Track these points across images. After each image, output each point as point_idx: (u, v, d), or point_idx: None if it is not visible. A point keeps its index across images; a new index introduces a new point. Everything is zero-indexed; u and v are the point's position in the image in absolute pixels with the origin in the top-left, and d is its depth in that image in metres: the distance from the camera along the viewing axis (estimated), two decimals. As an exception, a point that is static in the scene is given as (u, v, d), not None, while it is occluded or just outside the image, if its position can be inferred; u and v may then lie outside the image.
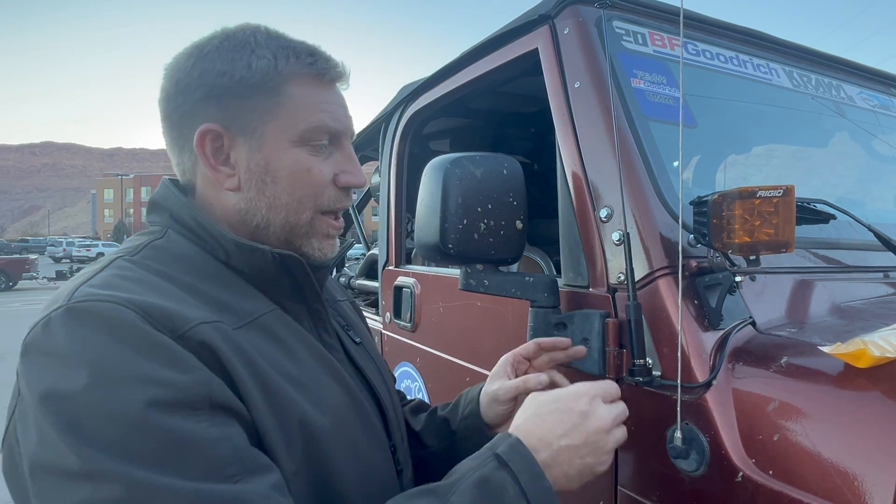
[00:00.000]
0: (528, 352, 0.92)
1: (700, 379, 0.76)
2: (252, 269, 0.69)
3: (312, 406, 0.64)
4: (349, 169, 0.75)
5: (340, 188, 0.75)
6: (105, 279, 0.59)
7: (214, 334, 0.58)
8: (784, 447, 0.66)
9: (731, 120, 1.28)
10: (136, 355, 0.52)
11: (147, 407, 0.50)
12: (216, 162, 0.71)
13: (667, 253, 0.85)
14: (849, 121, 1.44)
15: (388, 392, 0.83)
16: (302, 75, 0.71)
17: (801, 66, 1.38)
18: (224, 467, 0.52)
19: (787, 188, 0.75)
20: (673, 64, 1.08)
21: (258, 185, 0.71)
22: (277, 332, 0.67)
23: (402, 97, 1.80)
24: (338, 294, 0.95)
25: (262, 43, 0.70)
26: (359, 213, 2.91)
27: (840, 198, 1.31)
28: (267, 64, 0.69)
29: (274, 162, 0.70)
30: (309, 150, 0.72)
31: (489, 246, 0.90)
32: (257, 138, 0.70)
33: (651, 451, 0.80)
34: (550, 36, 1.09)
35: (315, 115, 0.71)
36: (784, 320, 0.87)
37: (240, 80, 0.68)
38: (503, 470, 0.60)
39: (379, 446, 0.74)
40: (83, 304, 0.54)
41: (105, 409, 0.49)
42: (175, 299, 0.59)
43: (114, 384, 0.50)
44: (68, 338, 0.53)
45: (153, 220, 0.73)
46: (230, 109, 0.69)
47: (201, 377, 0.54)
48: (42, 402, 0.51)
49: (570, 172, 1.00)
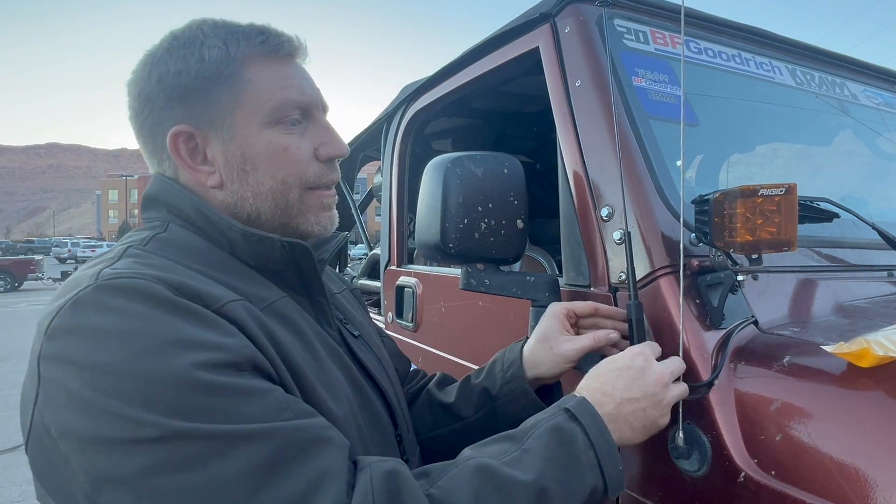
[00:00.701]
0: (584, 311, 0.88)
1: (702, 378, 0.75)
2: (258, 260, 0.70)
3: (328, 395, 0.65)
4: (327, 140, 0.74)
5: (323, 162, 0.74)
6: (128, 264, 0.59)
7: (244, 312, 0.59)
8: (787, 447, 0.65)
9: (733, 118, 1.28)
10: (177, 321, 0.53)
11: (198, 368, 0.50)
12: (194, 162, 0.70)
13: (668, 252, 0.84)
14: (853, 119, 1.43)
15: (390, 383, 0.84)
16: (256, 56, 0.70)
17: (805, 64, 1.37)
18: (281, 412, 0.54)
19: (790, 186, 0.74)
20: (675, 62, 1.08)
21: (239, 175, 0.70)
22: (292, 318, 0.68)
23: (404, 97, 1.80)
24: (334, 286, 0.94)
25: (210, 33, 0.70)
26: (361, 213, 2.90)
27: (844, 196, 1.30)
28: (219, 52, 0.69)
29: (249, 149, 0.70)
30: (282, 129, 0.71)
31: (490, 245, 0.90)
32: (227, 129, 0.69)
33: (653, 452, 0.80)
34: (551, 34, 1.09)
35: (279, 91, 0.70)
36: (787, 319, 0.87)
37: (196, 74, 0.68)
38: (573, 422, 0.65)
39: (386, 436, 0.76)
40: (114, 281, 0.54)
41: (157, 373, 0.49)
42: (198, 280, 0.60)
43: (162, 350, 0.51)
44: (105, 312, 0.52)
45: (150, 217, 0.72)
46: (195, 107, 0.69)
47: (243, 341, 0.56)
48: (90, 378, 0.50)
49: (571, 171, 1.00)
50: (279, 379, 0.59)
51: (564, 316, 0.87)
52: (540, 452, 0.62)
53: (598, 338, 0.83)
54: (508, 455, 0.61)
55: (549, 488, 0.59)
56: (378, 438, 0.73)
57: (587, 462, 0.63)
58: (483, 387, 0.91)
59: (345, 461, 0.55)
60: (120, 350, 0.50)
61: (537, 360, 0.86)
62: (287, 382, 0.59)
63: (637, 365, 0.71)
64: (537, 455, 0.61)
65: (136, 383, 0.49)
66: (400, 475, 0.56)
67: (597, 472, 0.63)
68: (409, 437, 0.84)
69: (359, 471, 0.55)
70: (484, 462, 0.60)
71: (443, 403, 0.94)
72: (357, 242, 11.40)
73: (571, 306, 0.88)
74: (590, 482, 0.63)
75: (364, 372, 0.79)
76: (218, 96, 0.69)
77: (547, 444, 0.63)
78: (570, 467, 0.62)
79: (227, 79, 0.68)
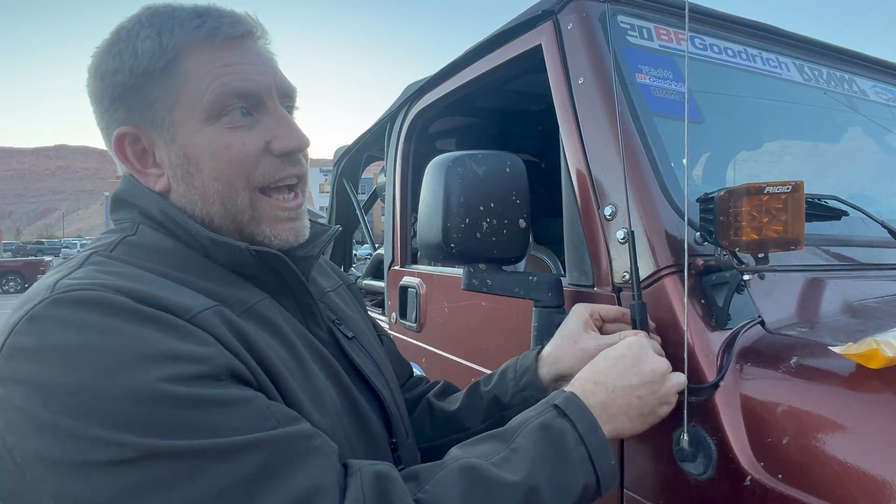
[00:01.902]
0: (610, 314, 0.85)
1: (707, 380, 0.74)
2: (233, 265, 0.66)
3: (311, 403, 0.62)
4: (280, 132, 0.67)
5: (277, 157, 0.67)
6: (88, 273, 0.55)
7: (217, 321, 0.56)
8: (794, 450, 0.64)
9: (740, 116, 1.26)
10: (144, 332, 0.50)
11: (171, 381, 0.48)
12: (143, 165, 0.66)
13: (672, 251, 0.83)
14: (861, 115, 1.41)
15: (387, 386, 0.80)
16: (192, 43, 0.64)
17: (812, 60, 1.35)
18: (264, 420, 0.52)
19: (797, 184, 0.73)
20: (679, 59, 1.06)
21: (185, 178, 0.65)
22: (274, 322, 0.65)
23: (407, 96, 1.79)
24: (328, 283, 0.89)
25: (146, 23, 0.64)
26: (366, 213, 2.90)
27: (853, 194, 1.28)
28: (151, 44, 0.63)
29: (191, 148, 0.64)
30: (226, 123, 0.65)
31: (492, 245, 0.89)
32: (168, 128, 0.64)
33: (657, 454, 0.79)
34: (554, 32, 1.07)
35: (216, 81, 0.63)
36: (794, 320, 0.85)
37: (131, 71, 0.63)
38: (562, 418, 0.64)
39: (377, 444, 0.72)
40: (71, 294, 0.50)
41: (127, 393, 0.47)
42: (167, 289, 0.56)
43: (131, 365, 0.47)
44: (64, 327, 0.49)
45: (120, 218, 0.68)
46: (134, 106, 0.64)
47: (219, 350, 0.53)
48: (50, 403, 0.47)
49: (574, 170, 0.99)
50: (259, 387, 0.56)
51: (589, 315, 0.85)
52: (528, 451, 0.60)
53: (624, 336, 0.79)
54: (497, 455, 0.60)
55: (539, 488, 0.58)
56: (368, 446, 0.70)
57: (578, 458, 0.62)
58: (493, 395, 0.87)
59: (334, 471, 0.54)
60: (84, 368, 0.47)
61: (559, 356, 0.83)
62: (268, 390, 0.57)
63: (632, 353, 0.70)
64: (526, 454, 0.60)
65: (104, 402, 0.46)
66: (390, 479, 0.55)
67: (588, 468, 0.62)
68: (408, 445, 0.81)
69: (349, 476, 0.54)
70: (471, 463, 0.58)
71: (445, 412, 0.91)
72: (362, 243, 11.41)
73: (598, 308, 0.85)
74: (581, 479, 0.61)
75: (358, 376, 0.76)
76: (154, 93, 0.63)
77: (535, 442, 0.61)
78: (561, 465, 0.61)
79: (161, 73, 0.63)
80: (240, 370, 0.54)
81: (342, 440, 0.65)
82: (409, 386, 1.02)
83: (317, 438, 0.55)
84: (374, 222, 3.85)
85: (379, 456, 0.72)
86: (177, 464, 0.46)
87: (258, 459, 0.49)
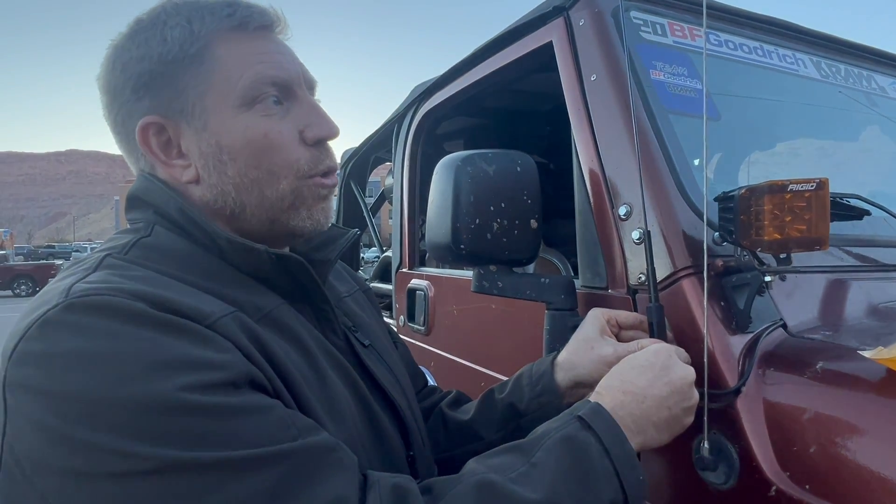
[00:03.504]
0: (627, 321, 0.83)
1: (728, 385, 0.71)
2: (250, 268, 0.64)
3: (327, 414, 0.60)
4: (313, 121, 0.66)
5: (312, 145, 0.67)
6: (103, 276, 0.53)
7: (235, 327, 0.54)
8: (822, 460, 0.61)
9: (755, 113, 1.23)
10: (162, 338, 0.48)
11: (188, 390, 0.46)
12: (168, 157, 0.65)
13: (690, 252, 0.80)
14: (880, 114, 1.38)
15: (404, 397, 0.78)
16: (224, 31, 0.63)
17: (830, 56, 1.32)
18: (285, 429, 0.50)
19: (821, 181, 0.70)
20: (694, 55, 1.04)
21: (217, 167, 0.63)
22: (291, 328, 0.63)
23: (415, 97, 1.77)
24: (345, 287, 0.87)
25: (173, 12, 0.63)
26: (373, 215, 2.88)
27: (873, 192, 1.25)
28: (182, 31, 0.62)
29: (225, 136, 0.63)
30: (260, 110, 0.64)
31: (503, 246, 0.86)
32: (199, 117, 0.63)
33: (676, 463, 0.76)
34: (565, 28, 1.05)
35: (251, 68, 0.63)
36: (817, 322, 0.82)
37: (159, 58, 0.62)
38: (587, 431, 0.61)
39: (394, 457, 0.70)
40: (85, 299, 0.49)
41: (142, 402, 0.45)
42: (185, 293, 0.54)
43: (146, 373, 0.46)
44: (78, 333, 0.47)
45: (134, 218, 0.66)
46: (162, 95, 0.63)
47: (238, 356, 0.52)
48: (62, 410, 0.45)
49: (587, 169, 0.96)
50: (276, 395, 0.54)
51: (606, 321, 0.82)
52: (549, 467, 0.57)
53: (644, 346, 0.75)
54: (516, 470, 0.57)
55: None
56: (385, 458, 0.68)
57: (603, 473, 0.59)
58: (508, 402, 0.84)
59: (355, 484, 0.52)
60: (97, 375, 0.45)
61: (576, 361, 0.80)
62: (284, 399, 0.55)
63: (661, 362, 0.67)
64: (547, 470, 0.57)
65: (118, 411, 0.45)
66: (409, 492, 0.53)
67: (615, 484, 0.59)
68: (425, 457, 0.78)
69: (368, 488, 0.52)
70: (489, 479, 0.55)
71: (458, 422, 0.88)
72: (370, 245, 11.39)
73: (615, 314, 0.83)
74: (607, 496, 0.58)
75: (374, 385, 0.73)
76: (185, 80, 0.62)
77: (558, 457, 0.58)
78: (585, 481, 0.58)
79: (192, 60, 0.62)
80: (258, 378, 0.53)
81: (359, 451, 0.62)
82: (423, 395, 0.99)
83: (338, 450, 0.53)
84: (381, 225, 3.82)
85: (395, 468, 0.69)
86: (194, 476, 0.45)
87: (279, 472, 0.47)
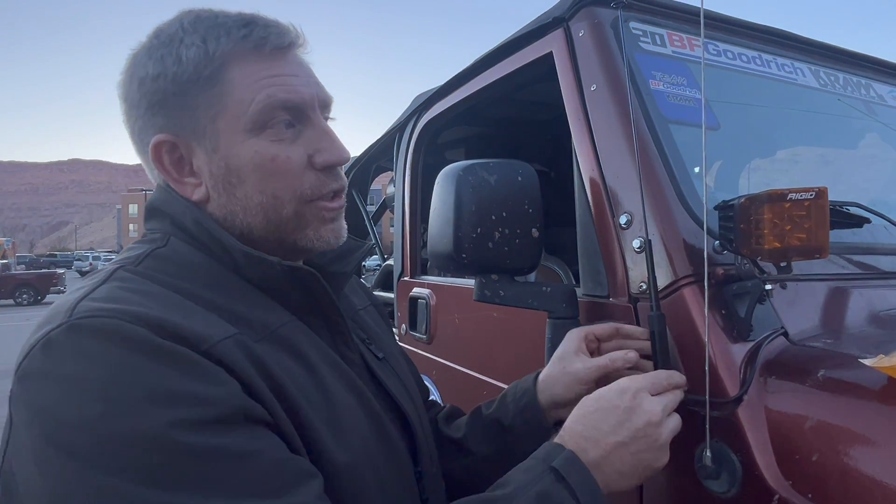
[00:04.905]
0: (604, 333, 0.82)
1: (730, 393, 0.71)
2: (263, 280, 0.64)
3: (332, 436, 0.59)
4: (323, 146, 0.66)
5: (320, 170, 0.66)
6: (108, 292, 0.54)
7: (234, 351, 0.53)
8: (824, 469, 0.61)
9: (754, 122, 1.24)
10: (157, 371, 0.48)
11: (177, 427, 0.46)
12: (180, 174, 0.65)
13: (691, 260, 0.81)
14: (879, 122, 1.38)
15: (415, 410, 0.77)
16: (239, 52, 0.62)
17: (828, 65, 1.33)
18: (269, 481, 0.49)
19: (820, 190, 0.71)
20: (693, 65, 1.05)
21: (226, 188, 0.64)
22: (298, 346, 0.62)
23: (416, 106, 1.78)
24: (357, 302, 0.88)
25: (190, 29, 0.63)
26: (375, 224, 2.89)
27: (873, 200, 1.25)
28: (197, 51, 0.61)
29: (234, 159, 0.63)
30: (270, 135, 0.63)
31: (504, 255, 0.87)
32: (210, 138, 0.63)
33: (678, 471, 0.76)
34: (565, 39, 1.06)
35: (262, 92, 0.62)
36: (818, 330, 0.82)
37: (174, 78, 0.61)
38: (561, 483, 0.59)
39: (402, 474, 0.69)
40: (87, 321, 0.49)
41: (129, 435, 0.45)
42: (187, 313, 0.54)
43: (137, 406, 0.46)
44: (76, 358, 0.47)
45: (152, 228, 0.67)
46: (175, 114, 0.63)
47: (232, 389, 0.51)
48: (51, 435, 0.46)
49: (588, 178, 0.97)
50: (275, 424, 0.54)
51: (583, 338, 0.82)
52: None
53: (614, 358, 0.77)
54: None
55: None
56: (394, 473, 0.67)
57: None
58: (495, 417, 0.85)
59: None
60: (89, 404, 0.45)
61: (552, 381, 0.81)
62: (284, 426, 0.54)
63: (624, 404, 0.64)
64: None
65: (104, 443, 0.45)
66: None
67: None
68: (433, 474, 0.77)
69: None
70: None
71: (451, 439, 0.89)
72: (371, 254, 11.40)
73: (591, 329, 0.83)
74: None
75: (387, 398, 0.73)
76: (198, 101, 0.62)
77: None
78: None
79: (206, 81, 0.62)
80: (253, 411, 0.52)
81: (369, 469, 0.62)
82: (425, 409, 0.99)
83: None
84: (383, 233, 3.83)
85: (406, 484, 0.69)
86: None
87: None
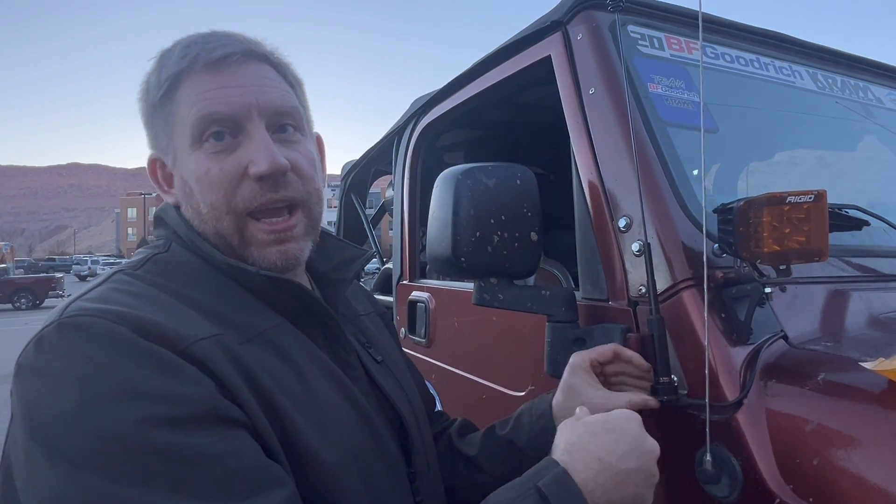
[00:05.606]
0: (606, 357, 0.81)
1: (730, 397, 0.71)
2: (252, 286, 0.66)
3: (318, 435, 0.60)
4: (254, 157, 0.65)
5: (256, 181, 0.66)
6: (101, 293, 0.57)
7: (214, 350, 0.55)
8: (825, 473, 0.61)
9: (753, 125, 1.24)
10: (132, 369, 0.50)
11: (146, 424, 0.47)
12: (168, 187, 0.72)
13: (690, 263, 0.81)
14: (877, 124, 1.38)
15: (412, 413, 0.78)
16: (182, 73, 0.66)
17: (826, 68, 1.33)
18: (234, 484, 0.49)
19: (819, 193, 0.71)
20: (691, 68, 1.05)
21: (186, 199, 0.69)
22: (285, 348, 0.64)
23: (415, 110, 1.79)
24: (362, 307, 0.89)
25: (158, 57, 0.69)
26: (374, 227, 2.89)
27: (871, 202, 1.25)
28: (155, 77, 0.68)
29: (185, 173, 0.68)
30: (208, 148, 0.66)
31: (503, 258, 0.86)
32: (171, 153, 0.70)
33: (679, 476, 0.75)
34: (563, 43, 1.06)
35: (194, 107, 0.65)
36: (818, 333, 0.82)
37: (148, 101, 0.69)
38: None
39: (394, 474, 0.69)
40: (73, 320, 0.52)
41: (100, 429, 0.47)
42: (173, 314, 0.56)
43: (110, 401, 0.48)
44: (60, 355, 0.50)
45: (158, 234, 0.73)
46: (152, 133, 0.71)
47: (205, 389, 0.52)
48: (32, 425, 0.48)
49: (587, 181, 0.97)
50: (252, 424, 0.54)
51: (589, 367, 0.80)
52: None
53: (633, 402, 0.74)
54: None
55: None
56: (385, 474, 0.67)
57: None
58: (509, 439, 0.85)
59: None
60: (66, 398, 0.48)
61: (566, 409, 0.79)
62: (261, 426, 0.55)
63: (633, 432, 0.62)
64: None
65: (75, 435, 0.47)
66: None
67: None
68: (428, 476, 0.77)
69: None
70: None
71: (465, 455, 0.89)
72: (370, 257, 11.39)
73: (593, 355, 0.81)
74: None
75: (383, 399, 0.74)
76: (160, 123, 0.69)
77: None
78: None
79: (162, 104, 0.68)
80: (228, 411, 0.53)
81: (353, 468, 0.62)
82: (432, 420, 0.98)
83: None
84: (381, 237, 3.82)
85: (398, 483, 0.69)
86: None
87: None
